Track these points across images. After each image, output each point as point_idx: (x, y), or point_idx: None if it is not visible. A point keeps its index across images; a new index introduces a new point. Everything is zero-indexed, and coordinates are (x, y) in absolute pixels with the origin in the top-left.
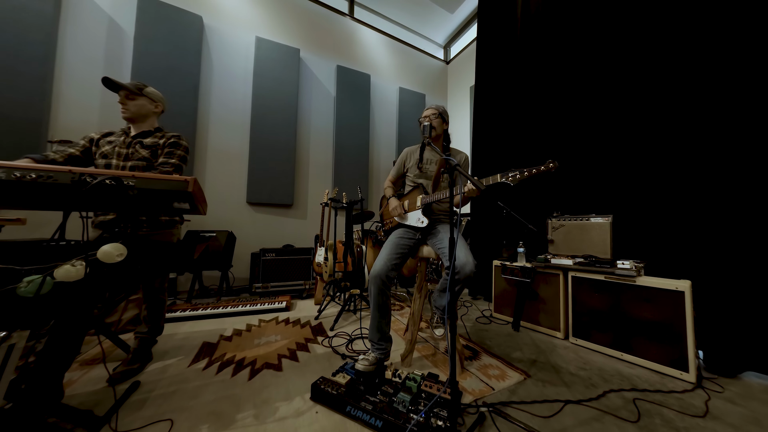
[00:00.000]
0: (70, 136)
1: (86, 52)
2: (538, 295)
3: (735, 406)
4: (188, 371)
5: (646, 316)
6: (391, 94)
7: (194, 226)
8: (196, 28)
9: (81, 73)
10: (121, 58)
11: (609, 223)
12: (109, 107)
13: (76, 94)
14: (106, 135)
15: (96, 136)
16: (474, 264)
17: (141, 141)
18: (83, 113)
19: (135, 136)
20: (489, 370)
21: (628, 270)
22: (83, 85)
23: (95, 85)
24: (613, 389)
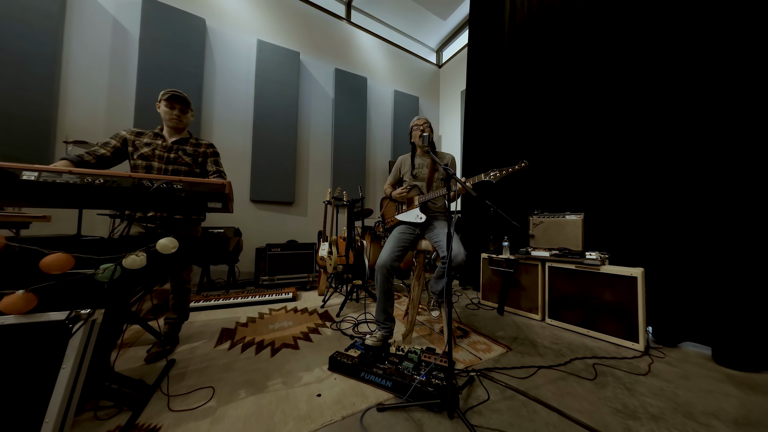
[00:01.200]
0: (78, 134)
1: (92, 52)
2: (520, 284)
3: (671, 367)
4: (215, 351)
5: (608, 298)
6: (386, 96)
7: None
8: (199, 31)
9: (87, 72)
10: (127, 59)
11: (581, 220)
12: (116, 107)
13: (83, 93)
14: (139, 134)
15: (129, 136)
16: (465, 254)
17: (183, 148)
18: (90, 111)
19: (176, 142)
20: (477, 345)
21: (594, 260)
22: (90, 84)
23: (102, 84)
24: (578, 357)
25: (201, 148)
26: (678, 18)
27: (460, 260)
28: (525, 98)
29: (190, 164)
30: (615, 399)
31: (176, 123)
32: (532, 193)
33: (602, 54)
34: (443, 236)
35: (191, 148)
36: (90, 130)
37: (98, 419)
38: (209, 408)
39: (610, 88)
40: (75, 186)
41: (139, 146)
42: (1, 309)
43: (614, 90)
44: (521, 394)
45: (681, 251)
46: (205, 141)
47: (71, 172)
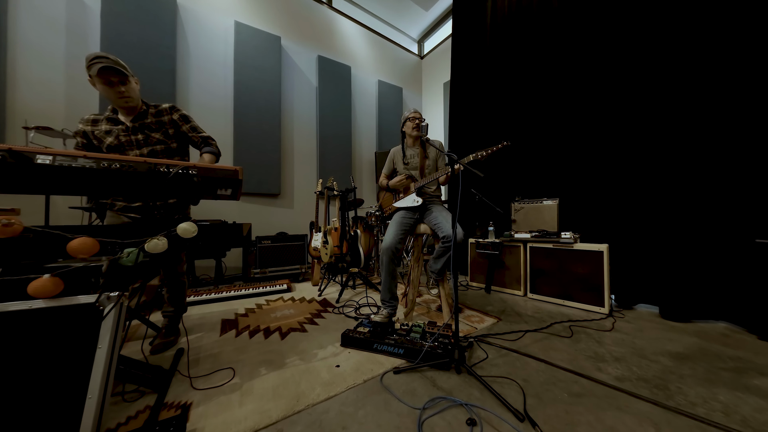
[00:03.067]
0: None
1: (45, 18)
2: (504, 264)
3: (629, 323)
4: (222, 339)
5: (580, 272)
6: (370, 86)
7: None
8: (169, 8)
9: (39, 42)
10: (86, 34)
11: (556, 204)
12: (78, 84)
13: (37, 67)
14: (95, 122)
15: (86, 128)
16: (463, 234)
17: (146, 124)
18: (48, 91)
19: (135, 120)
20: (471, 318)
21: (568, 239)
22: (44, 60)
23: (58, 57)
24: (557, 321)
25: (164, 116)
26: (643, 12)
27: (460, 238)
28: (507, 91)
29: (163, 141)
30: (588, 349)
31: (126, 102)
32: (513, 181)
33: (577, 50)
34: (442, 218)
35: (153, 120)
36: (50, 111)
37: (126, 401)
38: (235, 384)
39: (582, 85)
40: (91, 171)
41: (101, 137)
42: (31, 293)
43: (585, 86)
44: (514, 352)
45: (637, 230)
46: (164, 105)
47: (86, 156)
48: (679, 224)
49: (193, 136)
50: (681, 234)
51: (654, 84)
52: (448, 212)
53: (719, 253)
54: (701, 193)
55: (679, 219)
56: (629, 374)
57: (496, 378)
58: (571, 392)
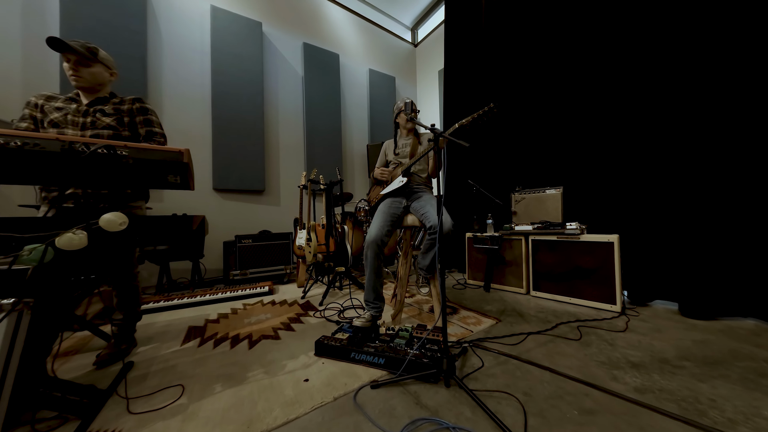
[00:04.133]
0: None
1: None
2: (504, 260)
3: (645, 323)
4: (182, 350)
5: (588, 265)
6: (361, 75)
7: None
8: None
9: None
10: (44, 13)
11: (560, 193)
12: (35, 68)
13: None
14: (50, 99)
15: (38, 101)
16: (452, 224)
17: (102, 109)
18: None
19: (91, 104)
20: (467, 320)
21: (574, 230)
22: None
23: (13, 35)
24: (563, 322)
25: (124, 105)
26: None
27: (446, 230)
28: (504, 74)
29: (114, 126)
30: (600, 354)
31: (77, 81)
32: (513, 170)
33: (581, 25)
34: (429, 206)
35: (112, 107)
36: (3, 97)
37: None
38: (179, 406)
39: (586, 65)
40: None
41: (48, 111)
42: None
43: (590, 67)
44: (514, 359)
45: (651, 218)
46: (130, 97)
47: None
48: (699, 210)
49: (141, 128)
50: (701, 221)
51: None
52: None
53: (745, 241)
54: (722, 176)
55: (700, 205)
56: (650, 384)
57: (492, 392)
58: (582, 408)
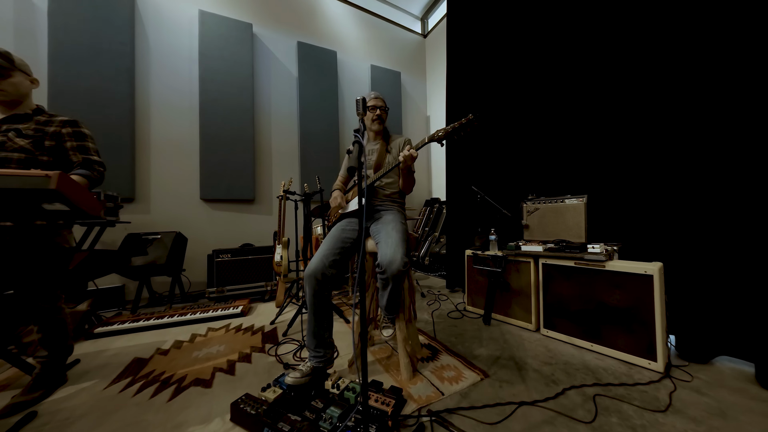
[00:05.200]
0: None
1: None
2: (509, 286)
3: (701, 396)
4: (101, 395)
5: (616, 303)
6: (362, 72)
7: (138, 227)
8: (125, 2)
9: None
10: (35, 35)
11: (583, 204)
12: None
13: None
14: None
15: None
16: (403, 261)
17: (17, 128)
18: None
19: (6, 120)
20: (445, 371)
21: (597, 254)
22: None
23: None
24: (575, 385)
25: (51, 127)
26: None
27: (395, 270)
28: (517, 62)
29: (29, 149)
30: None
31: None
32: (526, 174)
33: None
34: (385, 233)
35: (33, 127)
36: None
37: None
38: None
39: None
40: None
41: None
42: None
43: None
44: None
45: (712, 240)
46: (62, 117)
47: None
48: None
49: (73, 155)
50: None
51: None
52: (403, 224)
53: None
54: None
55: None
56: None
57: None
58: None
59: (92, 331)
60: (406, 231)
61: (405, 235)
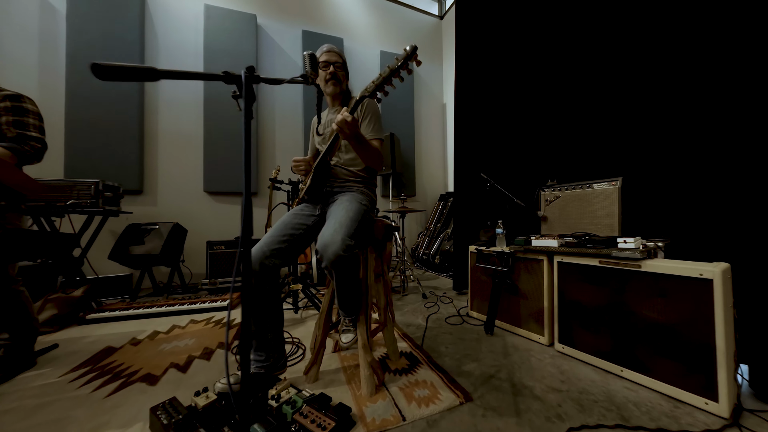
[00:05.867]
0: None
1: (18, 25)
2: (518, 288)
3: None
4: (50, 384)
5: (658, 317)
6: (370, 59)
7: (140, 218)
8: (136, 2)
9: (15, 54)
10: (56, 38)
11: (617, 189)
12: (48, 90)
13: (14, 76)
14: None
15: None
16: (344, 244)
17: None
18: None
19: None
20: (417, 389)
21: (630, 251)
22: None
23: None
24: (588, 425)
25: None
26: None
27: (331, 255)
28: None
29: None
30: None
31: None
32: (544, 159)
33: None
34: (335, 215)
35: None
36: None
37: None
38: None
39: None
40: None
41: None
42: None
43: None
44: None
45: None
46: (7, 92)
47: None
48: None
49: (8, 130)
50: None
51: None
52: (360, 204)
53: None
54: None
55: None
56: None
57: None
58: None
59: (84, 317)
60: (360, 211)
61: (356, 215)
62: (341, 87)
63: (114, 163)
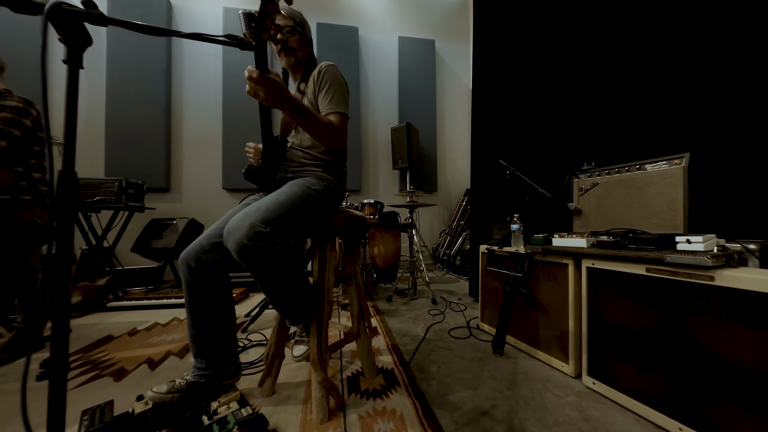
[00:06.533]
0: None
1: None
2: (535, 299)
3: None
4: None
5: (741, 355)
6: (388, 47)
7: (166, 214)
8: (162, 9)
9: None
10: (100, 51)
11: (682, 169)
12: (88, 103)
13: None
14: None
15: None
16: (250, 232)
17: None
18: None
19: None
20: (381, 420)
21: (697, 254)
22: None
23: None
24: None
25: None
26: None
27: (234, 242)
28: None
29: None
30: None
31: None
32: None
33: None
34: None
35: None
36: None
37: None
38: None
39: None
40: None
41: None
42: None
43: None
44: None
45: None
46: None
47: None
48: None
49: None
50: None
51: None
52: (302, 186)
53: None
54: None
55: None
56: None
57: None
58: None
59: (106, 304)
60: (299, 196)
61: (290, 199)
62: (296, 56)
63: (144, 162)
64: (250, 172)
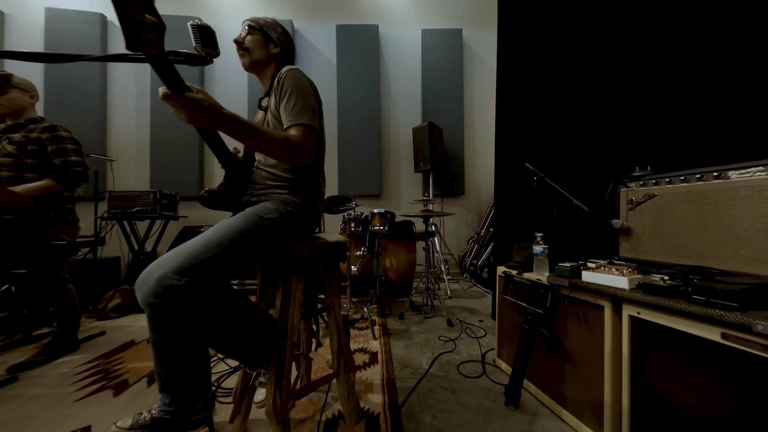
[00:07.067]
0: (115, 153)
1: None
2: (561, 345)
3: None
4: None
5: None
6: (410, 42)
7: (199, 221)
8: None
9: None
10: (144, 72)
11: None
12: (124, 116)
13: (121, 101)
14: None
15: None
16: (158, 286)
17: (9, 136)
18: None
19: (5, 131)
20: None
21: None
22: (124, 91)
23: (131, 91)
24: None
25: (34, 133)
26: None
27: (141, 300)
28: None
29: (14, 154)
30: None
31: None
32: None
33: None
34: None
35: (23, 134)
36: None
37: None
38: None
39: None
40: None
41: None
42: None
43: None
44: None
45: None
46: (45, 124)
47: None
48: None
49: (54, 158)
50: None
51: None
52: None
53: None
54: None
55: None
56: None
57: None
58: None
59: None
60: (236, 231)
61: (222, 237)
62: (251, 56)
63: (182, 173)
64: (206, 198)
